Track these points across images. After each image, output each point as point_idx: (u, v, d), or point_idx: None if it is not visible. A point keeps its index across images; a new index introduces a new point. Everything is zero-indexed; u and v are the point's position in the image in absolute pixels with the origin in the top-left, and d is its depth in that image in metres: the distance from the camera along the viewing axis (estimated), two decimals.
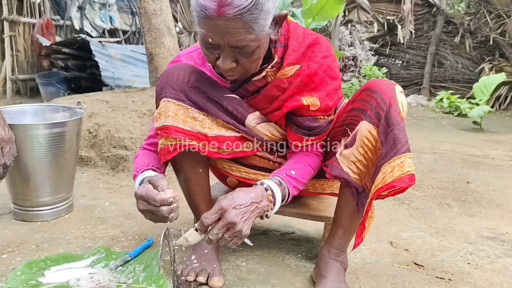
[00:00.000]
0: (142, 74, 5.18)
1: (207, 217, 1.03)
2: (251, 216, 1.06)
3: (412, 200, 2.15)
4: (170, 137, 1.19)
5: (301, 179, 1.22)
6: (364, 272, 1.40)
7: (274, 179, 1.16)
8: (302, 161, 1.27)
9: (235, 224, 1.02)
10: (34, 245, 1.47)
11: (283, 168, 1.23)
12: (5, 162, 1.30)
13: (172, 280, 1.10)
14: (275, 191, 1.13)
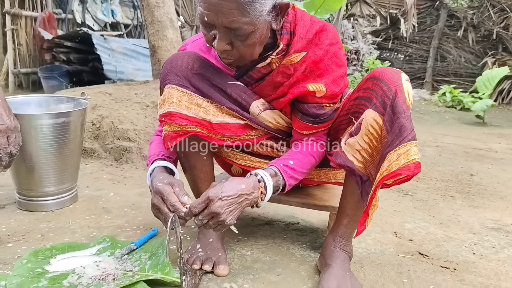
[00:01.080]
0: (144, 68, 5.17)
1: (195, 205, 1.06)
2: (238, 207, 1.07)
3: (416, 192, 2.15)
4: (174, 124, 1.19)
5: (299, 169, 1.22)
6: (369, 261, 1.40)
7: (270, 169, 1.17)
8: (303, 150, 1.26)
9: (218, 215, 1.04)
10: (39, 234, 1.47)
11: (282, 158, 1.23)
12: (11, 151, 1.30)
13: (179, 267, 1.10)
14: (267, 183, 1.13)
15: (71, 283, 1.16)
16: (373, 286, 1.25)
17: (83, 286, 1.14)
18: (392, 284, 1.27)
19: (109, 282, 1.15)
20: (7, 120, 1.28)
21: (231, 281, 1.23)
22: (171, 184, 1.14)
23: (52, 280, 1.17)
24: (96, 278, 1.17)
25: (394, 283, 1.28)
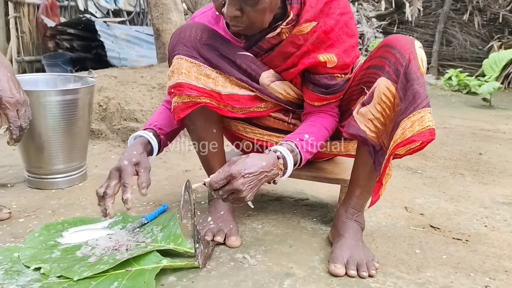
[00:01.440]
0: (148, 55, 5.15)
1: (216, 181, 1.03)
2: (257, 184, 1.06)
3: (424, 170, 2.13)
4: (184, 95, 1.18)
5: (315, 143, 1.20)
6: (380, 234, 1.40)
7: (287, 144, 1.15)
8: (316, 123, 1.25)
9: (240, 192, 1.02)
10: (50, 210, 1.47)
11: (297, 132, 1.22)
12: (21, 125, 1.29)
13: (193, 234, 1.10)
14: (287, 159, 1.11)
15: (84, 253, 1.16)
16: (385, 257, 1.24)
17: (96, 256, 1.14)
18: (405, 255, 1.27)
19: (123, 252, 1.15)
20: (16, 94, 1.28)
21: (244, 252, 1.23)
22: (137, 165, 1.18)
23: (65, 251, 1.17)
24: (109, 249, 1.17)
25: (407, 253, 1.28)
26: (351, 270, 1.12)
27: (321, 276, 1.12)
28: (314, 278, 1.12)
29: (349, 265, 1.13)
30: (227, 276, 1.10)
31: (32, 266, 1.09)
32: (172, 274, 1.10)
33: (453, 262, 1.24)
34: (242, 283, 1.07)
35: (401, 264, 1.21)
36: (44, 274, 1.06)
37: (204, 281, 1.08)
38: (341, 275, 1.12)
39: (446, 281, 1.13)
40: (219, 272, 1.12)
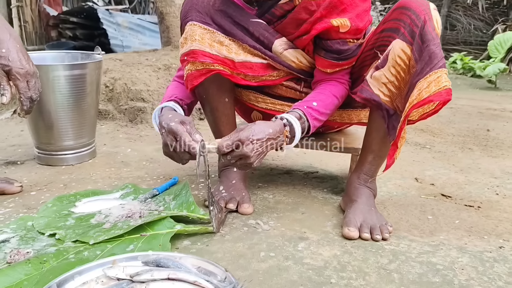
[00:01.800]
0: (151, 43, 5.14)
1: (224, 145, 1.04)
2: (264, 151, 1.07)
3: (433, 145, 2.13)
4: (197, 62, 1.17)
5: (323, 110, 1.20)
6: (392, 203, 1.40)
7: (295, 112, 1.14)
8: (325, 91, 1.24)
9: (248, 157, 1.03)
10: (61, 184, 1.48)
11: (305, 100, 1.21)
12: (31, 96, 1.29)
13: (207, 196, 1.10)
14: (294, 126, 1.11)
15: (98, 221, 1.16)
16: (397, 222, 1.24)
17: (110, 223, 1.14)
18: (417, 220, 1.27)
19: (136, 219, 1.16)
20: (26, 65, 1.27)
21: (256, 219, 1.23)
22: (182, 123, 1.10)
23: (79, 219, 1.18)
24: (122, 216, 1.18)
25: (419, 219, 1.28)
26: (365, 233, 1.12)
27: (335, 240, 1.13)
28: (328, 241, 1.12)
29: (363, 229, 1.13)
30: (241, 239, 1.11)
31: (47, 232, 1.10)
32: (186, 239, 1.11)
33: (466, 227, 1.23)
34: (256, 246, 1.08)
35: (414, 229, 1.21)
36: (59, 239, 1.07)
37: (219, 244, 1.08)
38: (355, 238, 1.12)
39: (460, 243, 1.13)
40: (233, 236, 1.13)
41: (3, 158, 1.74)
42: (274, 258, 1.02)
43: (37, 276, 0.90)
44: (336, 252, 1.06)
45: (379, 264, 1.01)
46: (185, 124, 1.10)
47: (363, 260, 1.02)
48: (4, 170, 1.61)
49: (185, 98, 1.32)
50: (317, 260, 1.02)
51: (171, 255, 0.97)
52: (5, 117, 2.42)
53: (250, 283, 0.91)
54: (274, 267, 0.98)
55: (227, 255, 1.03)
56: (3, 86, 1.26)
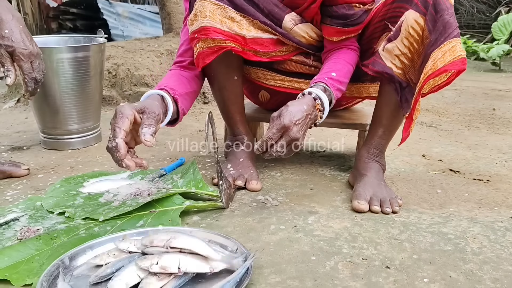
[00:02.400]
0: (152, 32, 5.11)
1: (270, 137, 1.01)
2: (306, 129, 1.05)
3: (439, 124, 2.11)
4: (209, 39, 1.15)
5: (343, 79, 1.18)
6: (400, 178, 1.39)
7: (319, 86, 1.12)
8: (340, 60, 1.22)
9: (297, 139, 1.01)
10: (68, 167, 1.48)
11: (323, 72, 1.19)
12: (35, 77, 1.28)
13: (216, 170, 1.10)
14: (323, 99, 1.09)
15: (107, 200, 1.16)
16: (406, 196, 1.24)
17: (119, 201, 1.14)
18: (426, 194, 1.26)
19: (145, 197, 1.15)
20: (29, 45, 1.26)
21: (265, 195, 1.22)
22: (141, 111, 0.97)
23: (88, 198, 1.18)
24: (131, 195, 1.17)
25: (428, 193, 1.27)
26: (375, 206, 1.12)
27: (345, 213, 1.12)
28: (338, 214, 1.11)
29: (373, 201, 1.13)
30: (251, 214, 1.11)
31: (56, 211, 1.10)
32: (195, 214, 1.10)
33: (476, 199, 1.23)
34: (266, 220, 1.07)
35: (423, 202, 1.20)
36: (68, 217, 1.07)
37: (228, 219, 1.08)
38: (365, 211, 1.12)
39: (470, 214, 1.12)
40: (242, 211, 1.12)
41: (9, 143, 1.74)
42: (284, 231, 1.02)
43: (48, 251, 0.90)
44: (347, 225, 1.05)
45: (390, 235, 1.00)
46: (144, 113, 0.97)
47: (373, 231, 1.02)
48: (11, 155, 1.61)
49: (179, 87, 1.19)
50: (328, 232, 1.01)
51: (182, 229, 0.97)
52: (9, 105, 2.42)
53: (261, 254, 0.90)
54: (285, 239, 0.98)
55: (237, 228, 1.03)
56: (7, 67, 1.25)
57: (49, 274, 0.79)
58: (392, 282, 0.81)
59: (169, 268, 0.76)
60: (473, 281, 0.83)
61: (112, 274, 0.80)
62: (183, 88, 1.21)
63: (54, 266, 0.81)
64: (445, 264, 0.88)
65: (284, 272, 0.84)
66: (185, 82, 1.23)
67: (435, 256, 0.91)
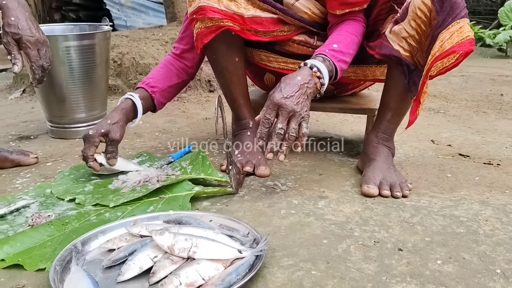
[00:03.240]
0: (155, 22, 5.08)
1: (265, 117, 1.00)
2: (305, 98, 1.03)
3: (447, 110, 2.10)
4: (206, 18, 1.14)
5: (346, 50, 1.14)
6: (409, 163, 1.38)
7: (317, 57, 1.10)
8: (342, 31, 1.19)
9: (295, 111, 0.99)
10: (76, 155, 1.48)
11: (324, 45, 1.16)
12: (42, 64, 1.28)
13: (226, 154, 1.10)
14: (320, 68, 1.06)
15: (116, 186, 1.16)
16: (416, 181, 1.23)
17: (128, 188, 1.14)
18: (436, 178, 1.25)
19: (154, 183, 1.15)
20: (36, 33, 1.25)
21: (274, 180, 1.22)
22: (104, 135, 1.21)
23: (97, 185, 1.18)
24: (140, 181, 1.17)
25: (438, 177, 1.26)
26: (385, 190, 1.11)
27: (355, 198, 1.12)
28: (348, 199, 1.11)
29: (383, 186, 1.12)
30: (261, 199, 1.10)
31: (66, 198, 1.10)
32: (205, 200, 1.10)
33: (487, 183, 1.22)
34: (276, 205, 1.07)
35: (434, 186, 1.20)
36: (79, 204, 1.07)
37: (238, 204, 1.08)
38: (375, 196, 1.11)
39: (481, 198, 1.12)
40: (252, 196, 1.12)
41: (16, 133, 1.74)
42: (295, 215, 1.01)
43: (60, 236, 0.90)
44: (357, 209, 1.05)
45: (401, 218, 1.00)
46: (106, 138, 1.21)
47: (384, 215, 1.01)
48: (18, 144, 1.61)
49: (162, 82, 1.35)
50: (339, 216, 1.01)
51: (192, 213, 0.97)
52: (15, 96, 2.42)
53: (273, 237, 0.90)
54: (296, 223, 0.98)
55: (247, 213, 1.03)
56: (14, 55, 1.25)
57: (62, 259, 0.79)
58: (405, 264, 0.81)
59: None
60: (486, 262, 0.82)
61: (125, 258, 0.80)
62: (167, 81, 1.36)
63: (67, 251, 0.81)
64: (458, 246, 0.88)
65: (296, 255, 0.84)
66: (171, 75, 1.34)
67: (448, 239, 0.90)
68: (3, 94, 2.52)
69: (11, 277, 0.79)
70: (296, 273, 0.78)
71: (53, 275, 0.73)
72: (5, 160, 1.34)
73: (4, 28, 1.24)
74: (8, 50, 1.25)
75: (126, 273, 0.76)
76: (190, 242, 0.79)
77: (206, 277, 0.74)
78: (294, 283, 0.75)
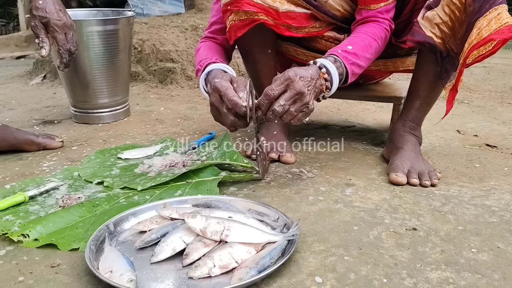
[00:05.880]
0: (171, 11, 5.06)
1: (272, 88, 0.95)
2: (314, 90, 0.99)
3: (471, 100, 2.06)
4: (241, 11, 1.12)
5: (361, 54, 1.10)
6: (435, 153, 1.36)
7: (329, 57, 1.06)
8: (360, 34, 1.15)
9: (303, 95, 0.95)
10: (100, 140, 1.49)
11: (340, 45, 1.13)
12: (69, 48, 1.28)
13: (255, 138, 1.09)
14: (329, 68, 1.03)
15: (142, 171, 1.17)
16: (444, 171, 1.21)
17: (155, 172, 1.14)
18: (464, 168, 1.23)
19: (180, 168, 1.15)
20: (63, 17, 1.26)
21: (299, 167, 1.21)
22: (230, 81, 1.03)
23: (124, 169, 1.19)
24: (166, 166, 1.18)
25: (466, 167, 1.24)
26: (413, 179, 1.10)
27: (382, 186, 1.11)
28: (375, 187, 1.10)
29: (411, 174, 1.11)
30: (287, 185, 1.10)
31: (94, 181, 1.11)
32: (232, 185, 1.10)
33: None
34: (303, 191, 1.06)
35: (462, 176, 1.18)
36: (107, 187, 1.08)
37: (265, 190, 1.07)
38: (403, 184, 1.10)
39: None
40: (278, 182, 1.12)
41: (39, 117, 1.76)
42: (323, 202, 1.01)
43: (91, 218, 0.91)
44: (386, 197, 1.04)
45: (432, 207, 0.98)
46: (233, 82, 1.03)
47: (414, 203, 1.00)
48: (42, 128, 1.62)
49: (224, 59, 1.25)
50: (367, 204, 1.00)
51: (221, 198, 0.97)
52: (36, 82, 2.44)
53: (303, 223, 0.90)
54: (325, 209, 0.97)
55: (275, 199, 1.02)
56: (42, 38, 1.26)
57: (96, 239, 0.80)
58: (439, 252, 0.80)
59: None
60: None
61: (157, 240, 0.81)
62: (225, 59, 1.26)
63: (100, 231, 0.82)
64: (492, 235, 0.86)
65: (327, 240, 0.84)
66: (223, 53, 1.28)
67: (481, 228, 0.89)
68: (24, 80, 2.55)
69: (45, 256, 0.80)
70: (328, 258, 0.78)
71: (88, 254, 0.74)
72: (32, 143, 1.35)
73: (32, 11, 1.24)
74: (35, 34, 1.26)
75: (160, 254, 0.76)
76: (222, 225, 0.79)
77: (239, 260, 0.74)
78: (327, 268, 0.75)
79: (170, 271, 0.74)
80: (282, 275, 0.73)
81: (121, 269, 0.70)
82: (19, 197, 0.98)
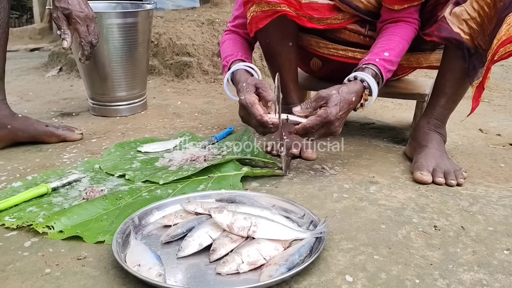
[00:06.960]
0: (184, 5, 5.04)
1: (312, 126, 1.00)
2: (346, 115, 1.05)
3: (491, 99, 2.02)
4: (263, 2, 1.11)
5: (395, 59, 1.13)
6: (459, 152, 1.34)
7: (370, 69, 1.08)
8: (395, 37, 1.15)
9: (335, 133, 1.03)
10: (119, 132, 1.48)
11: (376, 49, 1.13)
12: (91, 40, 1.28)
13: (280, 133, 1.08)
14: (372, 88, 1.07)
15: (163, 164, 1.16)
16: (469, 170, 1.19)
17: (176, 166, 1.13)
18: (489, 168, 1.21)
19: (201, 162, 1.14)
20: (85, 8, 1.25)
21: (321, 164, 1.20)
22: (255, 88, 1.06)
23: (144, 162, 1.18)
24: (187, 160, 1.17)
25: (491, 167, 1.22)
26: (439, 178, 1.08)
27: (407, 184, 1.09)
28: (399, 185, 1.08)
29: (436, 173, 1.09)
30: (310, 182, 1.08)
31: (116, 174, 1.10)
32: (254, 181, 1.09)
33: None
34: (327, 188, 1.05)
35: (488, 176, 1.15)
36: (129, 180, 1.07)
37: (288, 186, 1.06)
38: (428, 183, 1.08)
39: None
40: (301, 179, 1.10)
41: (57, 109, 1.76)
42: (348, 199, 0.99)
43: (115, 210, 0.91)
44: (411, 195, 1.02)
45: (460, 207, 0.96)
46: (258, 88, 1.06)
47: (441, 203, 0.98)
48: (61, 120, 1.62)
49: (248, 54, 1.29)
50: (393, 202, 0.98)
51: (245, 193, 0.96)
52: (52, 74, 2.45)
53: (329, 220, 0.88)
54: (350, 207, 0.95)
55: (298, 195, 1.01)
56: (63, 30, 1.25)
57: (122, 232, 0.79)
58: (471, 253, 0.78)
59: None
60: None
61: (182, 234, 0.80)
62: (250, 54, 1.29)
63: (126, 224, 0.81)
64: None
65: (355, 239, 0.82)
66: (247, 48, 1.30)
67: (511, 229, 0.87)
68: (40, 72, 2.56)
69: (71, 249, 0.79)
70: (357, 257, 0.76)
71: (115, 247, 0.73)
72: (52, 135, 1.35)
73: (55, 2, 1.24)
74: (57, 25, 1.25)
75: (186, 249, 0.75)
76: (249, 221, 0.78)
77: (267, 256, 0.73)
78: (357, 267, 0.73)
79: (197, 266, 0.73)
80: (312, 273, 0.71)
81: (149, 263, 0.69)
82: (42, 188, 0.98)
